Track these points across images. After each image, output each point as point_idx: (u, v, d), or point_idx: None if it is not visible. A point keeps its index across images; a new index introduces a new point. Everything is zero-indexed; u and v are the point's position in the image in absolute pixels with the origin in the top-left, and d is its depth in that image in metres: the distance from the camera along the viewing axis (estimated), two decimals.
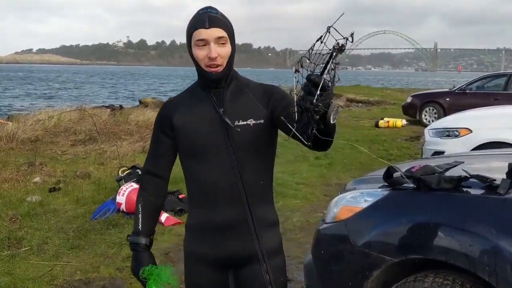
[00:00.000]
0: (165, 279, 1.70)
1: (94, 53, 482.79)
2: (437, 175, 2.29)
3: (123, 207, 5.14)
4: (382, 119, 13.46)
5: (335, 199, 2.73)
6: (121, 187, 5.36)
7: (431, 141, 6.55)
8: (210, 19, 1.61)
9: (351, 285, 2.40)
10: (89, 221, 5.05)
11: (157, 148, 1.80)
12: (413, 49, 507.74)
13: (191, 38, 1.64)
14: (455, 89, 13.24)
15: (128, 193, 5.12)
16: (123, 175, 6.05)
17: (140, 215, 1.79)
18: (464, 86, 13.02)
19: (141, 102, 17.36)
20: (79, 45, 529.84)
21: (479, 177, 2.23)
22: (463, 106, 10.10)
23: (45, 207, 5.46)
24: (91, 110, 12.36)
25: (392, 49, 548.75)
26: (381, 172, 2.58)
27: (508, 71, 13.86)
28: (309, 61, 1.26)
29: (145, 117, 11.80)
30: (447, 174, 2.34)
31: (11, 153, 8.31)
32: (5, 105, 22.79)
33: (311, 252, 2.72)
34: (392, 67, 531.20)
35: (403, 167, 2.51)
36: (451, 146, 6.09)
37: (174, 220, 5.03)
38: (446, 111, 12.29)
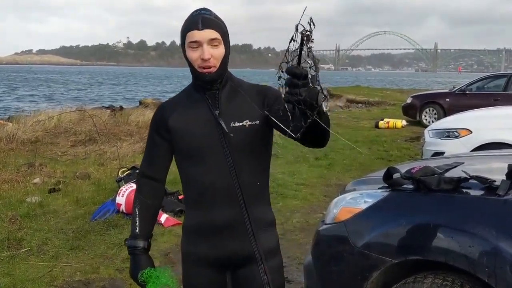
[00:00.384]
0: (164, 282, 1.70)
1: (94, 54, 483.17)
2: (436, 176, 2.29)
3: (123, 208, 5.14)
4: (382, 119, 13.46)
5: (335, 200, 2.73)
6: (121, 188, 5.36)
7: (431, 142, 6.55)
8: (203, 20, 1.61)
9: (350, 286, 2.40)
10: (89, 222, 5.04)
11: (153, 150, 1.80)
12: (413, 49, 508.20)
13: (185, 39, 1.65)
14: (455, 89, 13.24)
15: (128, 194, 5.12)
16: (123, 176, 6.06)
17: (137, 219, 1.79)
18: (464, 86, 13.02)
19: (141, 102, 17.38)
20: (79, 45, 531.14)
21: (478, 178, 2.23)
22: (463, 106, 10.09)
23: (45, 208, 5.46)
24: (91, 110, 12.35)
25: (392, 49, 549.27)
26: (381, 173, 2.58)
27: (508, 72, 13.84)
28: (287, 62, 1.26)
29: (145, 117, 11.79)
30: (447, 175, 2.34)
31: (11, 154, 8.32)
32: (9, 106, 22.81)
33: (310, 253, 2.72)
34: (392, 67, 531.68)
35: (403, 168, 2.51)
36: (451, 147, 6.08)
37: (173, 221, 5.03)
38: (446, 112, 12.29)
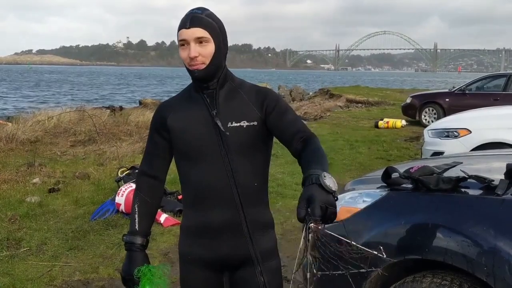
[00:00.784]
0: (158, 279, 1.70)
1: (94, 54, 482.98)
2: (435, 175, 2.29)
3: (122, 208, 5.14)
4: (381, 119, 13.46)
5: None
6: (120, 188, 5.36)
7: (431, 142, 6.55)
8: (192, 19, 1.62)
9: (349, 285, 2.40)
10: (88, 221, 5.05)
11: (153, 149, 1.81)
12: (413, 49, 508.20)
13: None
14: (455, 89, 13.25)
15: (127, 194, 5.12)
16: (122, 176, 6.06)
17: (136, 215, 1.79)
18: (463, 86, 13.02)
19: (141, 102, 17.39)
20: (79, 45, 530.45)
21: (477, 178, 2.24)
22: (463, 106, 10.10)
23: (44, 208, 5.46)
24: (91, 110, 12.35)
25: (392, 49, 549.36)
26: (379, 172, 2.59)
27: (507, 72, 13.85)
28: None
29: (145, 118, 11.80)
30: (446, 174, 2.34)
31: (10, 154, 8.32)
32: (15, 106, 22.83)
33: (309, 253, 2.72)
34: (392, 67, 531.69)
35: (401, 168, 2.51)
36: (450, 146, 6.09)
37: (173, 220, 5.03)
38: (445, 112, 12.29)
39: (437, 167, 2.42)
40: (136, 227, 1.78)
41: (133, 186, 5.24)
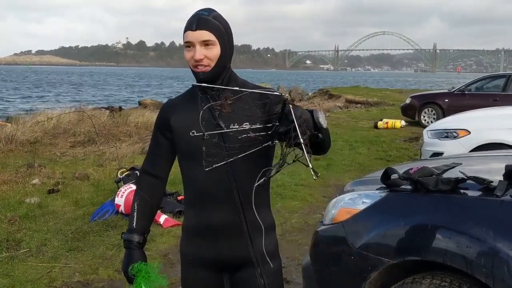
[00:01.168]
0: (154, 277, 1.71)
1: (93, 55, 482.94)
2: (434, 177, 2.29)
3: (122, 209, 5.14)
4: (381, 120, 13.46)
5: (333, 200, 2.73)
6: (120, 189, 5.36)
7: (430, 142, 6.55)
8: (198, 21, 1.62)
9: (349, 287, 2.41)
10: (88, 222, 5.05)
11: (156, 148, 1.82)
12: (412, 50, 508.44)
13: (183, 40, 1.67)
14: (454, 90, 13.25)
15: (127, 195, 5.12)
16: (122, 177, 6.06)
17: (135, 213, 1.80)
18: (463, 87, 13.03)
19: (140, 103, 17.38)
20: (78, 46, 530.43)
21: (476, 179, 2.24)
22: (462, 107, 10.10)
23: (44, 209, 5.46)
24: (90, 111, 12.34)
25: (391, 50, 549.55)
26: (379, 173, 2.59)
27: (507, 72, 13.85)
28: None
29: (144, 118, 11.79)
30: (445, 175, 2.34)
31: (10, 155, 8.32)
32: (15, 107, 22.82)
33: (309, 253, 2.73)
34: (391, 68, 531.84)
35: (401, 169, 2.51)
36: (449, 147, 6.09)
37: (172, 221, 5.03)
38: (445, 112, 12.29)
39: (436, 168, 2.42)
40: (134, 225, 1.79)
41: (132, 187, 5.24)
